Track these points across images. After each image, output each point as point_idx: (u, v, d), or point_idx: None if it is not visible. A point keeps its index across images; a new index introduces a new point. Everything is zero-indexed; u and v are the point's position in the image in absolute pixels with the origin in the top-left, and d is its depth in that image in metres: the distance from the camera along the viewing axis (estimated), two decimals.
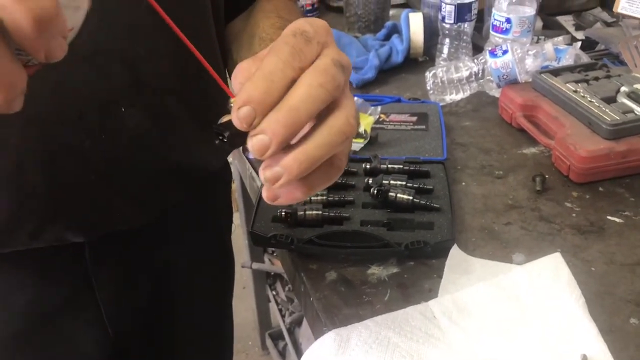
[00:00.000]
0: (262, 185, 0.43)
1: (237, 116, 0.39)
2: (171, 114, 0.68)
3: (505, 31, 1.11)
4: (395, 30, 1.36)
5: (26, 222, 0.63)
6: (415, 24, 1.29)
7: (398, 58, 1.28)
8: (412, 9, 1.39)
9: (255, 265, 1.80)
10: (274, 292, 1.97)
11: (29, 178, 0.61)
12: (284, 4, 0.79)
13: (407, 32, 1.29)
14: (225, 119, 0.42)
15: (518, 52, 1.05)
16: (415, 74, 1.27)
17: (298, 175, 0.40)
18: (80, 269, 0.71)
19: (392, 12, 1.51)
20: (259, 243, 0.77)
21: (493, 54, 1.07)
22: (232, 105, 0.40)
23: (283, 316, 1.92)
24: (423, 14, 1.30)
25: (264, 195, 0.43)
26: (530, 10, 1.11)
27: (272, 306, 2.01)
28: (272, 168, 0.40)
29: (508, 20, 1.10)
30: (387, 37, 1.36)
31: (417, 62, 1.32)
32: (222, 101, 0.77)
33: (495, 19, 1.13)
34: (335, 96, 0.41)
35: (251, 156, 0.43)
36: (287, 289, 1.94)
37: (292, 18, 0.74)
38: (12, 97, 0.31)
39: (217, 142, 0.42)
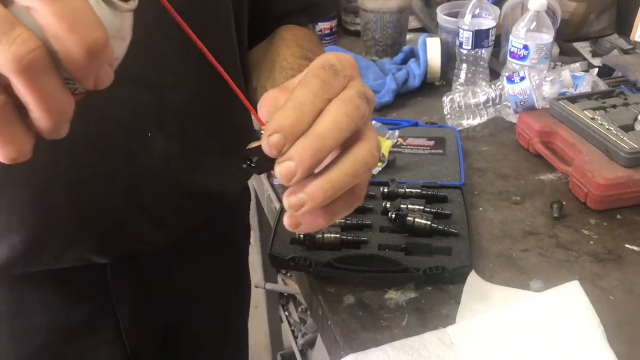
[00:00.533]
0: (281, 208, 0.44)
1: (268, 143, 0.40)
2: (195, 140, 0.69)
3: (523, 58, 1.12)
4: (412, 54, 1.38)
5: (52, 243, 0.65)
6: (432, 49, 1.30)
7: (415, 82, 1.29)
8: (430, 34, 1.41)
9: (269, 286, 1.80)
10: (287, 313, 1.97)
11: (57, 200, 0.63)
12: (304, 33, 0.81)
13: (424, 56, 1.30)
14: (253, 145, 0.43)
15: (536, 79, 1.06)
16: (432, 98, 1.28)
17: (322, 203, 0.41)
18: (102, 289, 0.72)
19: (409, 36, 1.52)
20: (277, 265, 0.78)
21: (511, 80, 1.07)
22: (262, 132, 0.42)
23: (296, 338, 1.92)
24: (440, 39, 1.32)
25: (287, 222, 0.44)
26: (548, 38, 1.11)
27: (285, 327, 2.00)
28: (296, 195, 0.41)
29: (526, 47, 1.11)
30: (405, 62, 1.37)
31: (434, 87, 1.33)
32: (244, 126, 0.78)
33: (513, 46, 1.14)
34: (359, 126, 0.42)
35: (276, 182, 0.44)
36: (300, 310, 1.94)
37: (311, 47, 0.76)
38: (61, 123, 0.33)
39: (244, 166, 0.43)
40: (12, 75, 0.30)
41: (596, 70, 1.25)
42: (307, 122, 0.40)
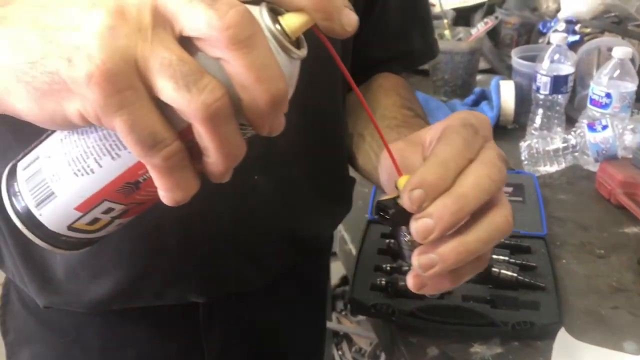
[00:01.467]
0: (359, 251, 0.43)
1: (409, 197, 0.39)
2: (295, 183, 0.69)
3: (605, 106, 1.09)
4: (483, 96, 1.36)
5: (154, 280, 0.66)
6: (506, 92, 1.28)
7: None
8: (502, 77, 1.39)
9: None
10: (340, 352, 1.94)
11: (164, 239, 0.64)
12: (401, 82, 0.80)
13: (497, 99, 1.29)
14: (387, 196, 0.42)
15: (618, 127, 1.03)
16: (505, 141, 1.26)
17: (452, 266, 0.40)
18: (193, 327, 0.73)
19: (478, 77, 1.51)
20: (357, 310, 0.77)
21: (592, 128, 1.05)
22: (397, 183, 0.41)
23: None
24: (515, 82, 1.30)
25: (411, 282, 0.43)
26: (631, 86, 1.09)
27: None
28: (427, 255, 0.40)
29: (608, 95, 1.09)
30: (476, 103, 1.36)
31: (507, 130, 1.31)
32: (338, 171, 0.78)
33: (594, 93, 1.11)
34: (500, 188, 0.41)
35: (405, 238, 0.43)
36: (353, 350, 1.91)
37: (410, 97, 0.75)
38: (232, 167, 0.34)
39: (377, 216, 0.43)
40: (198, 122, 0.31)
41: None
42: (449, 180, 0.40)
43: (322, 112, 0.70)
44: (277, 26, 0.34)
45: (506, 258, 0.81)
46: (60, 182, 0.37)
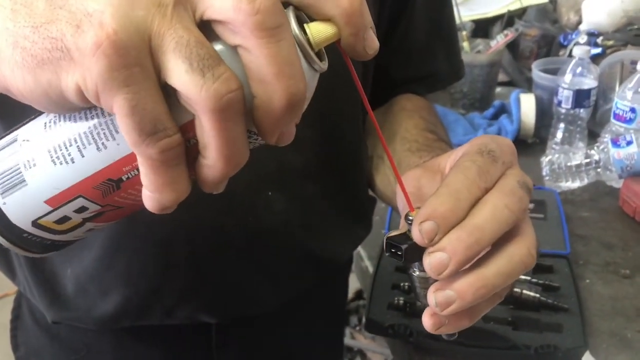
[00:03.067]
0: (376, 269, 0.40)
1: (420, 230, 0.37)
2: (311, 201, 0.68)
3: (629, 121, 1.07)
4: (503, 109, 1.34)
5: (165, 297, 0.64)
6: (527, 105, 1.26)
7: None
8: (522, 90, 1.37)
9: None
10: None
11: (175, 255, 0.62)
12: (424, 103, 0.78)
13: (517, 113, 1.26)
14: (396, 232, 0.39)
15: None
16: (525, 155, 1.23)
17: (471, 303, 0.37)
18: (205, 349, 0.71)
19: (497, 90, 1.48)
20: (374, 330, 0.75)
21: (616, 144, 1.02)
22: (410, 218, 0.39)
23: None
24: (535, 96, 1.27)
25: (428, 322, 0.40)
26: None
27: None
28: (444, 292, 0.37)
29: (632, 110, 1.06)
30: (495, 116, 1.34)
31: (527, 144, 1.28)
32: (358, 190, 0.76)
33: (617, 108, 1.08)
34: (520, 219, 0.39)
35: (418, 274, 0.40)
36: None
37: (433, 119, 0.73)
38: (228, 176, 0.31)
39: (388, 254, 0.40)
40: (205, 113, 0.28)
41: None
42: (462, 210, 0.37)
43: (339, 129, 0.68)
44: (303, 33, 0.32)
45: (528, 278, 0.79)
46: (35, 170, 0.33)
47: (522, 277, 0.79)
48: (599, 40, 1.41)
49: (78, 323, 0.68)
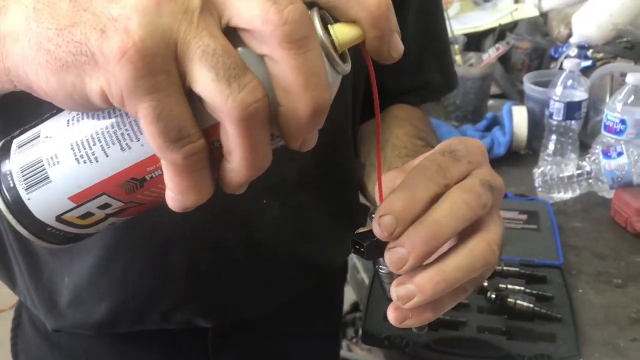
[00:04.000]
0: (371, 282, 0.41)
1: (379, 224, 0.38)
2: (304, 208, 0.69)
3: (619, 132, 1.08)
4: (495, 121, 1.35)
5: (161, 301, 0.65)
6: (519, 117, 1.27)
7: (500, 150, 1.26)
8: (514, 102, 1.39)
9: None
10: None
11: (172, 261, 0.64)
12: (417, 113, 0.79)
13: (509, 125, 1.28)
14: (362, 229, 0.41)
15: (634, 154, 1.02)
16: (517, 167, 1.25)
17: (432, 297, 0.38)
18: (202, 353, 0.72)
19: (490, 102, 1.50)
20: (370, 342, 0.76)
21: (607, 155, 1.04)
22: (373, 215, 0.40)
23: None
24: (527, 108, 1.29)
25: (392, 316, 0.41)
26: None
27: None
28: (405, 286, 0.38)
29: (622, 122, 1.07)
30: (488, 128, 1.35)
31: (519, 155, 1.30)
32: (350, 197, 0.77)
33: (608, 119, 1.10)
34: (479, 215, 0.39)
35: (384, 270, 0.42)
36: None
37: (424, 127, 0.74)
38: (251, 179, 0.32)
39: (352, 250, 0.41)
40: (230, 122, 0.29)
41: None
42: (419, 205, 0.38)
43: (331, 138, 0.69)
44: (328, 35, 0.32)
45: (522, 288, 0.80)
46: (58, 167, 0.33)
47: (517, 287, 0.80)
48: (589, 52, 1.44)
49: (76, 330, 0.69)
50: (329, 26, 0.32)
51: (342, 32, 0.32)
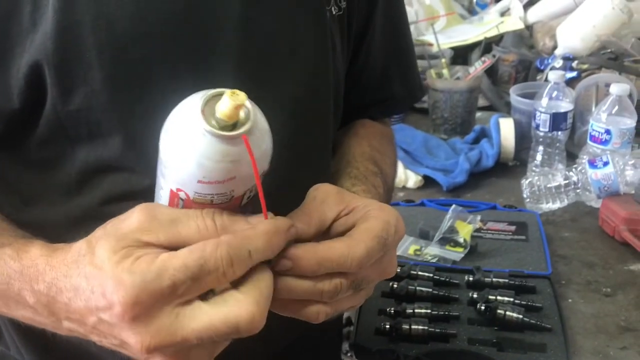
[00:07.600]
0: None
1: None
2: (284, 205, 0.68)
3: (605, 142, 1.10)
4: (483, 134, 1.37)
5: None
6: (506, 129, 1.28)
7: (488, 162, 1.27)
8: (502, 114, 1.40)
9: None
10: None
11: None
12: (376, 130, 0.79)
13: (497, 137, 1.29)
14: None
15: (620, 163, 1.03)
16: (506, 178, 1.26)
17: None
18: None
19: (478, 114, 1.51)
20: (361, 356, 0.76)
21: (593, 164, 1.05)
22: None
23: None
24: (514, 120, 1.30)
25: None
26: (630, 122, 1.09)
27: None
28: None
29: (607, 132, 1.09)
30: (476, 141, 1.36)
31: (507, 166, 1.31)
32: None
33: (593, 129, 1.11)
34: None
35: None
36: None
37: (380, 146, 0.74)
38: None
39: None
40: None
41: None
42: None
43: (311, 148, 0.69)
44: (213, 122, 0.38)
45: (511, 299, 0.80)
46: None
47: (506, 298, 0.80)
48: (574, 64, 1.45)
49: None
50: (216, 106, 0.39)
51: (223, 109, 0.38)
